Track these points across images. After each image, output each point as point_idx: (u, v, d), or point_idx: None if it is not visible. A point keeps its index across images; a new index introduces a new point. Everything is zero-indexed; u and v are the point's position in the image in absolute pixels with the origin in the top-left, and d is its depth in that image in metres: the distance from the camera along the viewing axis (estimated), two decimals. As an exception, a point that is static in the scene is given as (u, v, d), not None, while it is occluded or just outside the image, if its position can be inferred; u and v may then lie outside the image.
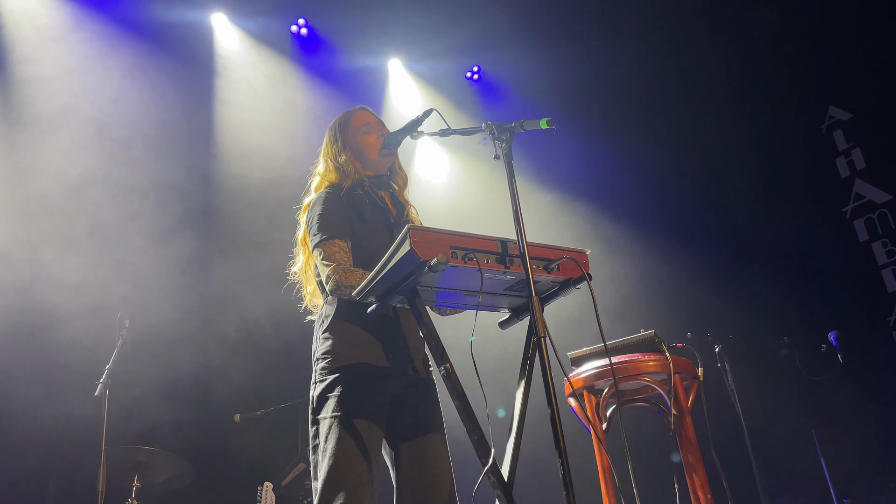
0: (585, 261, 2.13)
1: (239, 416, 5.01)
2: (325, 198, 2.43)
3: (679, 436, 3.01)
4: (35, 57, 5.14)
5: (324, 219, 2.37)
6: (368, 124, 2.62)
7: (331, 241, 2.31)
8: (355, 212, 2.44)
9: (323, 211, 2.39)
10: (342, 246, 2.31)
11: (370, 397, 2.25)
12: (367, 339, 2.30)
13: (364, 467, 2.16)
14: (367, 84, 6.59)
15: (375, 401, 2.26)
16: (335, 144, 2.60)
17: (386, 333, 2.33)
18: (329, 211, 2.39)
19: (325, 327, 2.35)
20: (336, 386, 2.24)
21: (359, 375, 2.26)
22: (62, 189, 4.98)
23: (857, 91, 5.94)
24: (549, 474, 2.30)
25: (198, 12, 5.88)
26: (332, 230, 2.34)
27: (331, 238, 2.32)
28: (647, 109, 6.58)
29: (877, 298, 5.62)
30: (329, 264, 2.26)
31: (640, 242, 6.32)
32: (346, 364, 2.27)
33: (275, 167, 5.66)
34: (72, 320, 4.68)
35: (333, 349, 2.30)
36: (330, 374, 2.27)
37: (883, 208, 5.74)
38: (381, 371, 2.29)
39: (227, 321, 5.31)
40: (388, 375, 2.31)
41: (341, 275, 2.21)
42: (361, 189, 2.52)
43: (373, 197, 2.53)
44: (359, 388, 2.24)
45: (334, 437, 2.17)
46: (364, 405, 2.23)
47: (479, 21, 6.36)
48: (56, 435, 4.50)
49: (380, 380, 2.29)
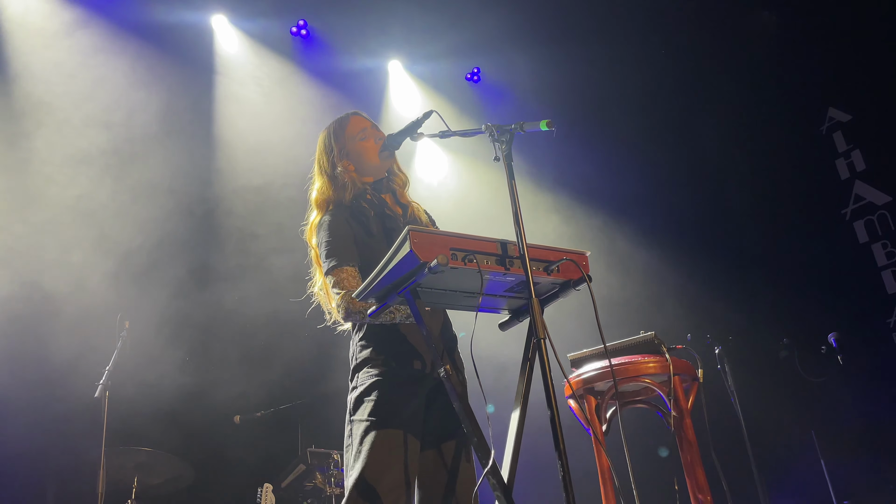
0: (585, 262, 2.13)
1: (239, 417, 5.01)
2: (330, 222, 2.44)
3: (679, 437, 3.01)
4: (36, 57, 5.14)
5: (331, 245, 2.38)
6: (365, 129, 2.60)
7: (340, 269, 2.33)
8: (362, 228, 2.44)
9: (329, 237, 2.40)
10: (350, 272, 2.33)
11: (406, 403, 2.27)
12: (403, 345, 2.32)
13: (399, 472, 2.17)
14: (367, 85, 6.59)
15: (411, 406, 2.28)
16: (330, 154, 2.57)
17: (419, 337, 2.33)
18: (335, 236, 2.40)
19: (362, 335, 2.39)
20: (373, 391, 2.26)
21: (395, 381, 2.28)
22: (63, 189, 4.99)
23: (856, 93, 5.95)
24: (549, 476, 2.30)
25: (198, 14, 5.88)
26: (340, 256, 2.35)
27: (339, 265, 2.34)
28: (647, 111, 6.59)
29: (876, 300, 5.62)
30: (338, 293, 2.29)
31: (639, 244, 6.33)
32: (384, 370, 2.29)
33: (275, 168, 5.66)
34: (72, 321, 4.68)
35: (371, 356, 2.33)
36: (368, 378, 2.30)
37: (883, 210, 5.75)
38: (416, 374, 2.31)
39: (227, 322, 5.31)
40: (422, 378, 2.32)
41: (349, 302, 2.25)
42: (364, 201, 2.51)
43: (378, 207, 2.52)
44: (395, 394, 2.26)
45: (369, 440, 2.19)
46: (401, 411, 2.24)
47: (479, 23, 6.36)
48: (56, 436, 4.50)
49: (415, 383, 2.31)
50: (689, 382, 3.13)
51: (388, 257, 1.95)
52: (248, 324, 5.33)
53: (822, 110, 6.19)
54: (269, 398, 5.13)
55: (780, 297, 5.82)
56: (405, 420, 2.24)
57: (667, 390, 2.99)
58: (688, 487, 2.98)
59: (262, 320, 5.24)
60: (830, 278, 5.78)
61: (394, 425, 2.21)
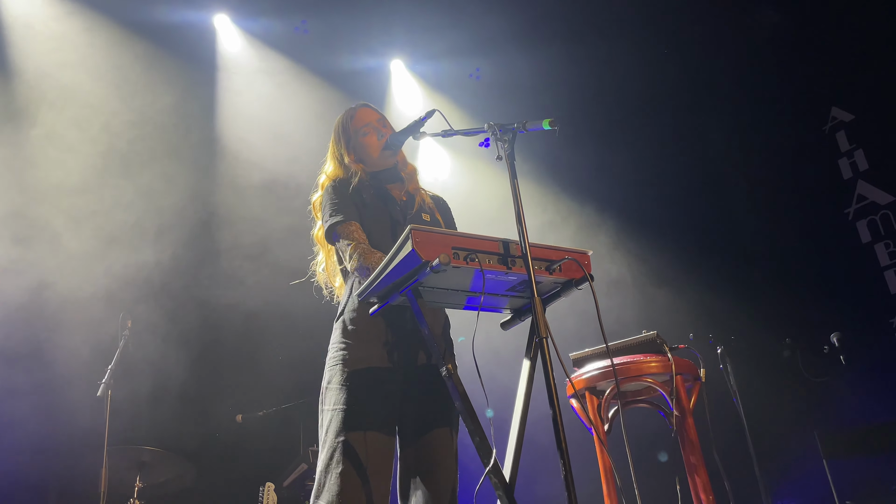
0: (587, 261, 2.13)
1: (241, 416, 5.02)
2: (332, 187, 2.50)
3: (681, 437, 3.01)
4: (38, 56, 5.15)
5: (335, 204, 2.43)
6: (369, 124, 2.62)
7: (347, 223, 2.37)
8: (359, 199, 2.48)
9: (332, 198, 2.45)
10: (357, 226, 2.38)
11: (374, 390, 2.25)
12: (379, 334, 2.31)
13: (366, 462, 2.14)
14: (369, 85, 6.60)
15: (380, 393, 2.26)
16: (339, 145, 2.64)
17: (398, 326, 2.32)
18: (338, 197, 2.45)
19: (339, 313, 2.40)
20: (340, 378, 2.26)
21: (365, 368, 2.26)
22: (65, 189, 4.99)
23: (859, 92, 5.93)
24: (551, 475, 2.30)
25: (201, 13, 5.89)
26: (346, 213, 2.40)
27: (346, 220, 2.38)
28: (649, 110, 6.58)
29: (879, 300, 5.61)
30: (350, 243, 2.31)
31: (642, 243, 6.32)
32: (354, 355, 2.28)
33: (278, 167, 5.67)
34: (74, 320, 4.69)
35: (342, 339, 2.33)
36: (335, 364, 2.30)
37: (886, 210, 5.74)
38: (388, 363, 2.30)
39: (229, 320, 5.31)
40: (396, 367, 2.30)
41: (362, 254, 2.26)
42: (366, 181, 2.55)
43: (377, 188, 2.56)
44: (363, 381, 2.25)
45: (333, 430, 2.18)
46: (368, 399, 2.23)
47: (482, 22, 6.36)
48: (58, 435, 4.51)
49: (386, 371, 2.29)
50: (691, 382, 3.13)
51: (389, 256, 1.96)
52: (251, 323, 5.34)
53: (824, 109, 6.18)
54: (271, 397, 5.13)
55: (783, 296, 5.80)
56: (373, 410, 2.22)
57: (669, 390, 2.99)
58: (689, 487, 2.97)
59: (265, 319, 5.25)
60: (833, 278, 5.77)
61: (360, 415, 2.19)
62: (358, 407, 2.20)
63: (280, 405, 5.05)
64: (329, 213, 2.42)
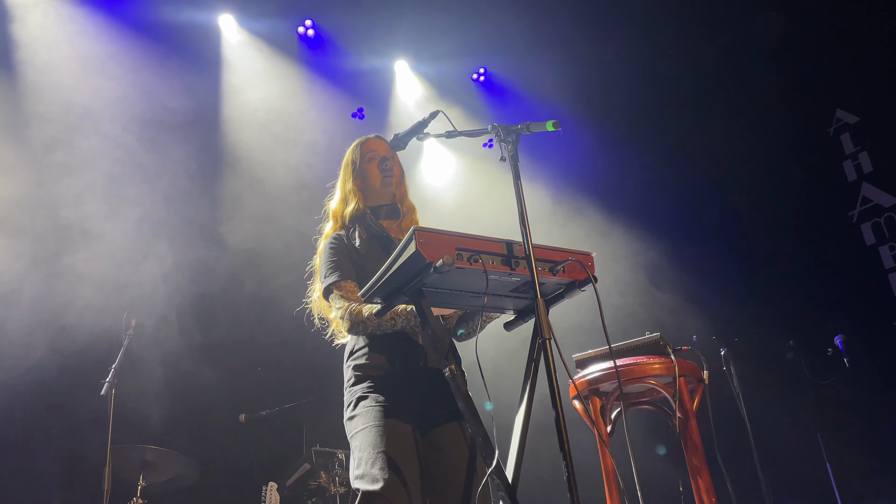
0: (591, 263, 2.13)
1: (244, 416, 5.03)
2: (333, 242, 2.53)
3: (684, 439, 3.01)
4: (44, 57, 5.16)
5: (333, 262, 2.46)
6: (374, 152, 2.67)
7: (342, 282, 2.40)
8: (354, 250, 2.52)
9: (332, 255, 2.48)
10: (352, 286, 2.40)
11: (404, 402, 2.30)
12: (392, 364, 2.36)
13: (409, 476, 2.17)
14: (373, 85, 6.61)
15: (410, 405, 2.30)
16: (348, 168, 2.69)
17: (407, 354, 2.38)
18: (337, 255, 2.48)
19: (353, 358, 2.43)
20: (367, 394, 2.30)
21: (386, 390, 2.31)
22: (66, 189, 5.00)
23: (864, 94, 5.93)
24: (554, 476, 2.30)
25: (205, 13, 5.90)
26: (342, 272, 2.43)
27: (342, 279, 2.41)
28: (653, 112, 6.58)
29: (883, 302, 5.60)
30: (341, 306, 2.34)
31: (646, 245, 6.32)
32: (373, 382, 2.33)
33: (283, 168, 5.67)
34: (78, 319, 4.70)
35: (360, 373, 2.36)
36: (358, 389, 2.34)
37: (890, 212, 5.73)
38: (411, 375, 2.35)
39: (233, 321, 5.32)
40: (416, 378, 2.35)
41: (353, 314, 2.28)
42: (360, 223, 2.59)
43: (371, 227, 2.59)
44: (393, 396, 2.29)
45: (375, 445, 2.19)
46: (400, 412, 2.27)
47: (485, 23, 6.37)
48: (62, 434, 4.52)
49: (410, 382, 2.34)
50: (694, 384, 3.13)
51: (393, 257, 1.96)
52: (254, 323, 5.34)
53: (829, 112, 6.17)
54: (274, 397, 5.14)
55: (787, 298, 5.80)
56: (405, 420, 2.26)
57: (672, 392, 2.99)
58: (692, 489, 2.97)
59: (268, 319, 5.25)
60: (837, 280, 5.76)
61: (396, 427, 2.22)
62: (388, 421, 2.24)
63: (283, 405, 5.06)
64: (327, 269, 2.46)
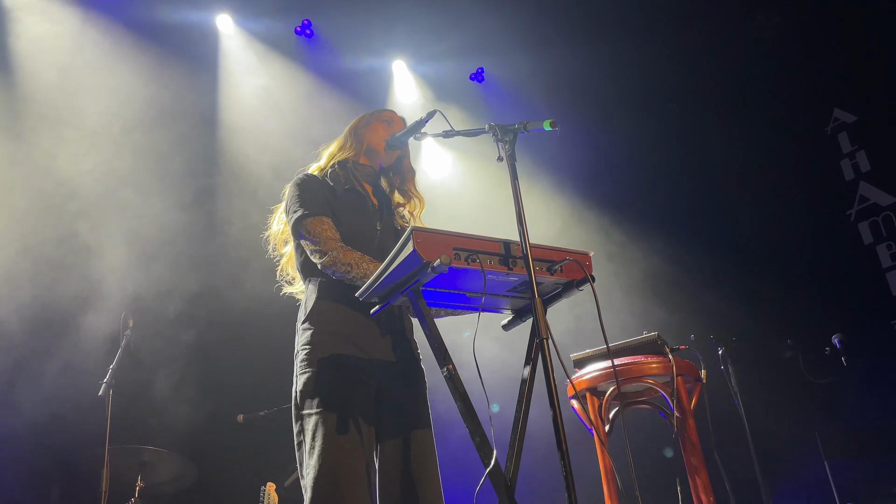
0: (588, 262, 2.13)
1: (242, 416, 5.02)
2: (302, 180, 2.46)
3: (682, 438, 3.01)
4: (41, 57, 5.16)
5: (304, 197, 2.37)
6: (391, 118, 2.69)
7: (317, 217, 2.32)
8: (330, 190, 2.45)
9: (301, 191, 2.40)
10: (328, 223, 2.32)
11: (355, 390, 2.21)
12: (349, 328, 2.27)
13: (359, 464, 2.11)
14: (371, 85, 6.60)
15: (361, 393, 2.22)
16: (359, 122, 2.67)
17: (367, 321, 2.28)
18: (308, 190, 2.41)
19: (306, 316, 2.32)
20: (319, 379, 2.20)
21: (341, 368, 2.22)
22: (67, 189, 5.00)
23: (862, 93, 5.94)
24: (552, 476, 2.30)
25: (203, 13, 5.90)
26: (315, 207, 2.35)
27: (315, 214, 2.33)
28: (651, 111, 6.58)
29: (881, 301, 5.61)
30: (318, 240, 2.26)
31: (643, 244, 6.32)
32: (328, 355, 2.23)
33: (280, 167, 5.66)
34: (76, 319, 4.70)
35: (313, 340, 2.26)
36: (310, 366, 2.22)
37: (888, 211, 5.73)
38: (363, 363, 2.26)
39: (231, 321, 5.31)
40: (371, 366, 2.27)
41: (339, 252, 2.22)
42: (342, 169, 2.54)
43: (351, 180, 2.53)
44: (342, 381, 2.20)
45: (321, 433, 2.12)
46: (350, 399, 2.19)
47: (483, 22, 6.36)
48: (59, 434, 4.51)
49: (363, 371, 2.25)
50: (692, 383, 3.13)
51: (390, 257, 1.96)
52: (252, 322, 5.34)
53: (827, 111, 6.18)
54: (272, 397, 5.13)
55: (784, 297, 5.80)
56: (356, 407, 2.18)
57: (670, 391, 2.99)
58: (690, 489, 2.97)
59: (267, 319, 5.25)
60: (835, 279, 5.76)
61: (346, 412, 2.15)
62: (341, 407, 2.15)
63: (281, 405, 5.05)
64: (297, 203, 2.36)
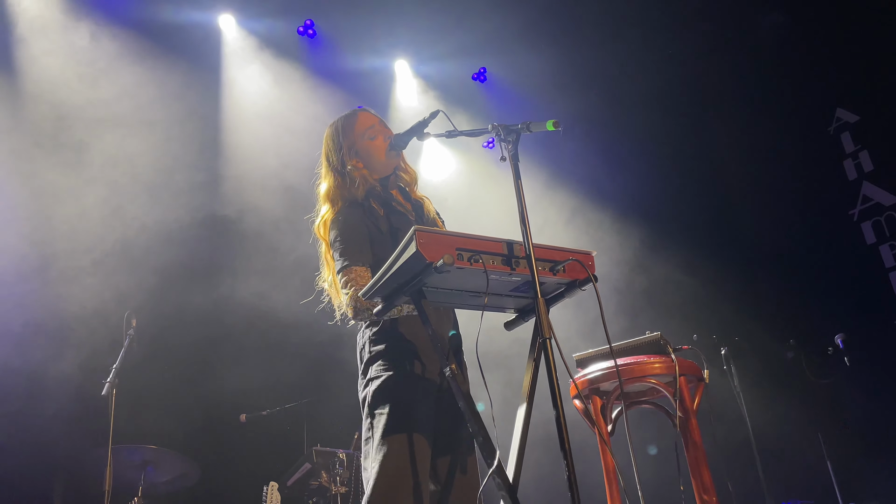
0: (591, 262, 2.13)
1: (245, 415, 5.03)
2: (344, 220, 2.43)
3: (684, 438, 3.01)
4: (43, 57, 5.17)
5: (345, 244, 2.38)
6: (373, 127, 2.60)
7: (351, 268, 2.34)
8: (374, 226, 2.44)
9: (343, 235, 2.40)
10: (361, 272, 2.33)
11: (420, 401, 2.29)
12: (413, 343, 2.34)
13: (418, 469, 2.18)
14: (373, 85, 6.61)
15: (425, 404, 2.30)
16: (339, 151, 2.57)
17: (426, 336, 2.33)
18: (349, 235, 2.40)
19: (375, 329, 2.39)
20: (390, 385, 2.28)
21: (409, 378, 2.30)
22: (68, 188, 5.00)
23: (864, 93, 5.93)
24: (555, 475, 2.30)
25: (206, 13, 5.90)
26: (353, 256, 2.36)
27: (351, 265, 2.34)
28: (654, 111, 6.57)
29: (884, 301, 5.60)
30: (347, 292, 2.30)
31: (645, 244, 6.32)
32: (397, 366, 2.31)
33: (282, 166, 5.67)
34: (79, 319, 4.70)
35: (384, 351, 2.34)
36: (384, 371, 2.31)
37: (890, 211, 5.72)
38: (426, 373, 2.33)
39: (233, 321, 5.32)
40: (432, 377, 2.35)
41: (356, 301, 2.25)
42: (375, 199, 2.51)
43: (387, 204, 2.52)
44: (410, 390, 2.28)
45: (391, 434, 2.19)
46: (417, 408, 2.26)
47: (486, 22, 6.36)
48: (63, 433, 4.52)
49: (426, 381, 2.33)
50: (694, 383, 3.13)
51: (394, 257, 1.96)
52: (255, 322, 5.35)
53: (830, 110, 6.17)
54: (275, 397, 5.14)
55: (787, 297, 5.80)
56: (420, 418, 2.25)
57: (672, 391, 2.99)
58: (693, 488, 2.97)
59: (269, 318, 5.26)
60: (837, 279, 5.76)
61: (411, 421, 2.22)
62: (408, 412, 2.24)
63: (284, 405, 5.06)
64: (338, 252, 2.38)
